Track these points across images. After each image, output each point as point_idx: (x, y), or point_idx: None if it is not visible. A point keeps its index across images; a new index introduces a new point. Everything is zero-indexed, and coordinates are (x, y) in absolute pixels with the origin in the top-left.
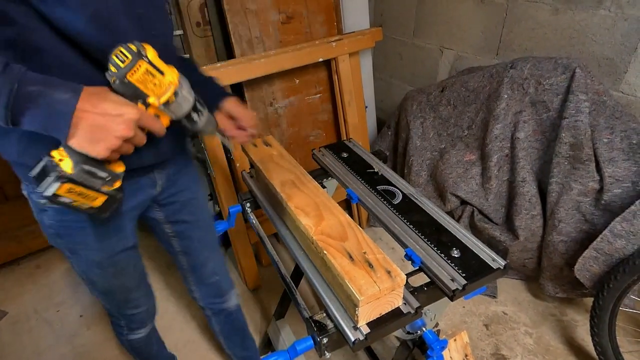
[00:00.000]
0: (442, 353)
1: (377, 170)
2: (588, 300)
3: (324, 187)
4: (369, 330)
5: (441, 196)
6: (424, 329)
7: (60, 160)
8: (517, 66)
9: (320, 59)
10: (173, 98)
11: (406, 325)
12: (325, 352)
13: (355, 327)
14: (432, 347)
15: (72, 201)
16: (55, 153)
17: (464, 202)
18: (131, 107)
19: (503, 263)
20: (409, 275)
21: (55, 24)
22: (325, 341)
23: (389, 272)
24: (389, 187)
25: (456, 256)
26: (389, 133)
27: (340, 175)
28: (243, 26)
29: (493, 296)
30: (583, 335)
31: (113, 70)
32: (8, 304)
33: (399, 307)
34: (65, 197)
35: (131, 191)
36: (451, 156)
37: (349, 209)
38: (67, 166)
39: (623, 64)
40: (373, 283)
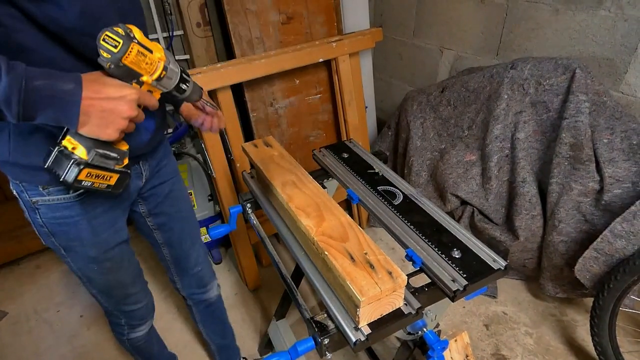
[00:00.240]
0: (443, 353)
1: (378, 170)
2: (588, 300)
3: (325, 188)
4: (370, 330)
5: (441, 196)
6: (425, 330)
7: (73, 148)
8: (517, 66)
9: (320, 60)
10: (164, 73)
11: (407, 325)
12: (326, 353)
13: (356, 328)
14: (433, 348)
15: (92, 184)
16: (65, 142)
17: (464, 203)
18: (130, 88)
19: (504, 263)
20: (410, 275)
21: (42, 23)
22: (326, 342)
23: (390, 273)
24: (390, 188)
25: (457, 257)
26: (389, 133)
27: (340, 175)
28: (243, 26)
29: (493, 296)
30: (583, 335)
31: (106, 55)
32: (8, 304)
33: (400, 308)
34: (86, 181)
35: None
36: (451, 156)
37: (349, 210)
38: (82, 153)
39: (623, 65)
40: (374, 284)
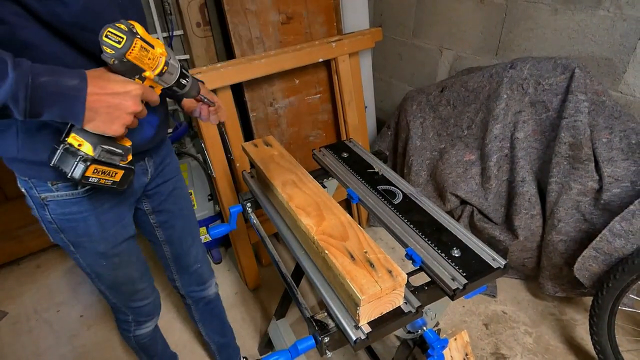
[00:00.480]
0: (443, 352)
1: (378, 170)
2: (587, 299)
3: (325, 187)
4: (370, 329)
5: (441, 196)
6: (425, 328)
7: (79, 145)
8: (517, 66)
9: (320, 59)
10: (165, 68)
11: (407, 324)
12: (326, 351)
13: (356, 326)
14: (433, 346)
15: (98, 180)
16: (71, 139)
17: (464, 202)
18: (134, 84)
19: (503, 262)
20: (410, 274)
21: (45, 19)
22: (326, 340)
23: (390, 272)
24: (390, 187)
25: (456, 256)
26: (389, 133)
27: (340, 175)
28: (243, 26)
29: (493, 295)
30: (582, 334)
31: (109, 51)
32: (8, 304)
33: (400, 307)
34: (92, 178)
35: None
36: (451, 156)
37: (349, 209)
38: (88, 149)
39: (622, 64)
40: (374, 282)
